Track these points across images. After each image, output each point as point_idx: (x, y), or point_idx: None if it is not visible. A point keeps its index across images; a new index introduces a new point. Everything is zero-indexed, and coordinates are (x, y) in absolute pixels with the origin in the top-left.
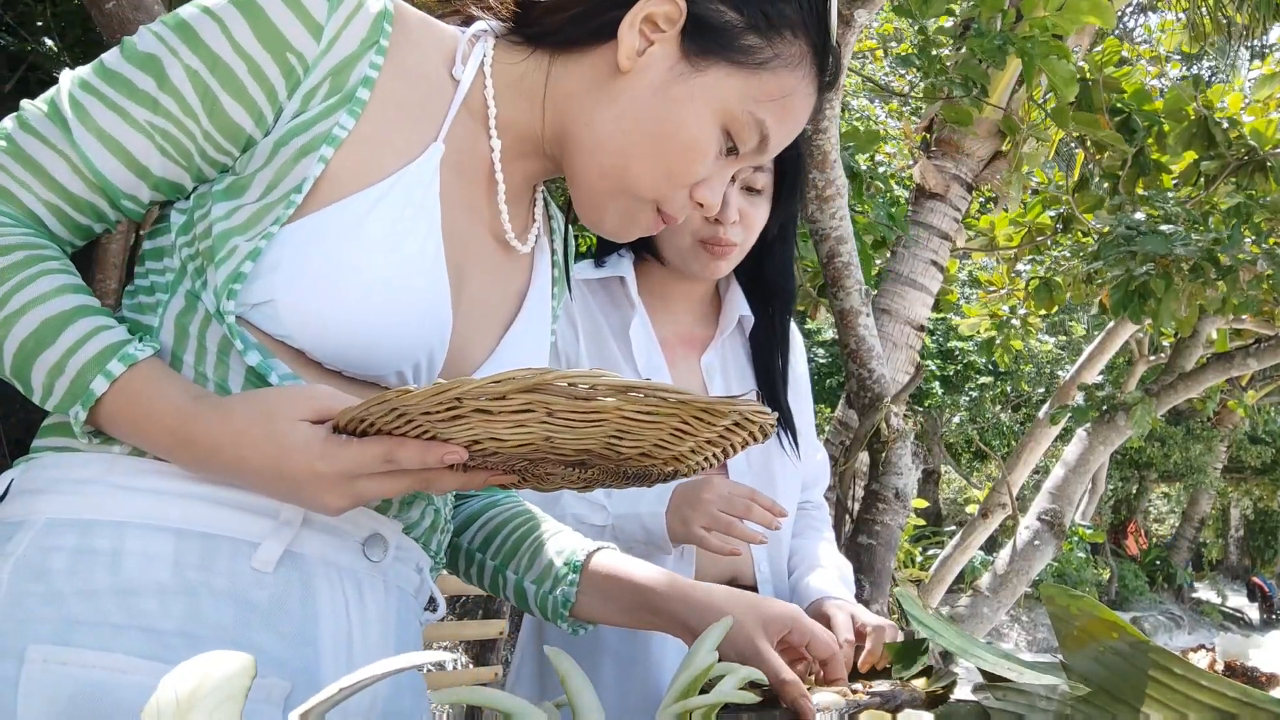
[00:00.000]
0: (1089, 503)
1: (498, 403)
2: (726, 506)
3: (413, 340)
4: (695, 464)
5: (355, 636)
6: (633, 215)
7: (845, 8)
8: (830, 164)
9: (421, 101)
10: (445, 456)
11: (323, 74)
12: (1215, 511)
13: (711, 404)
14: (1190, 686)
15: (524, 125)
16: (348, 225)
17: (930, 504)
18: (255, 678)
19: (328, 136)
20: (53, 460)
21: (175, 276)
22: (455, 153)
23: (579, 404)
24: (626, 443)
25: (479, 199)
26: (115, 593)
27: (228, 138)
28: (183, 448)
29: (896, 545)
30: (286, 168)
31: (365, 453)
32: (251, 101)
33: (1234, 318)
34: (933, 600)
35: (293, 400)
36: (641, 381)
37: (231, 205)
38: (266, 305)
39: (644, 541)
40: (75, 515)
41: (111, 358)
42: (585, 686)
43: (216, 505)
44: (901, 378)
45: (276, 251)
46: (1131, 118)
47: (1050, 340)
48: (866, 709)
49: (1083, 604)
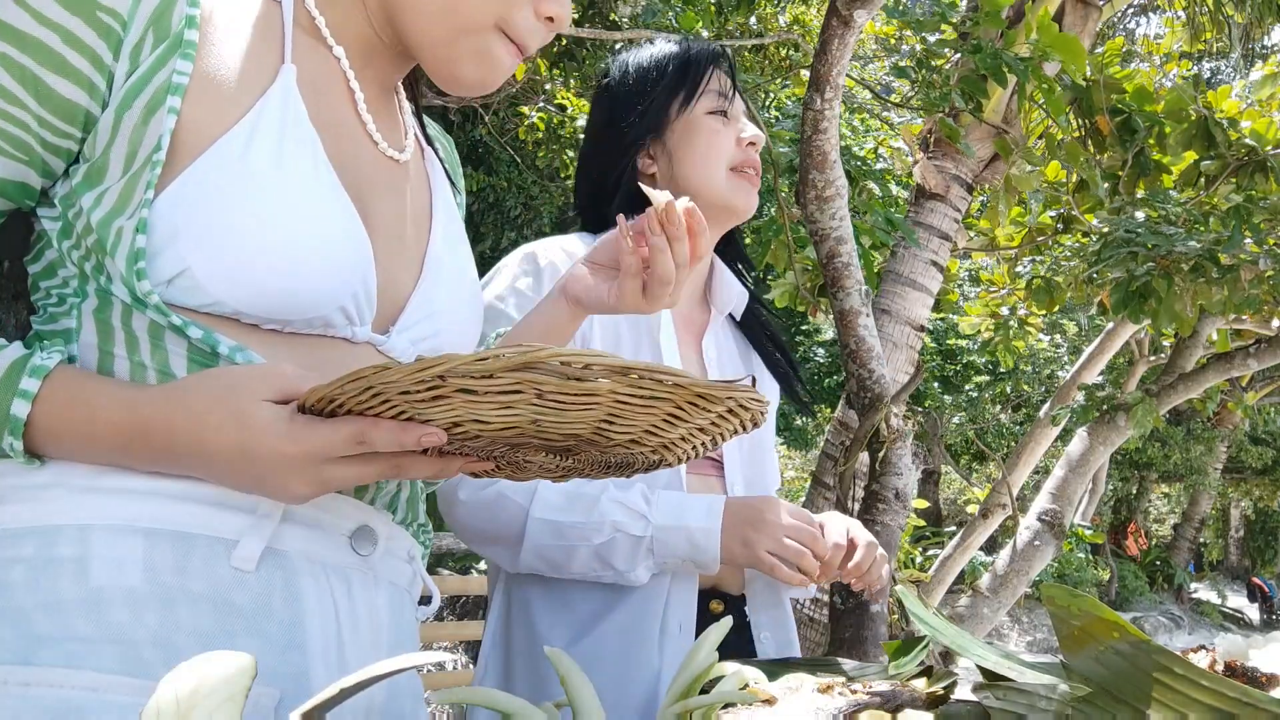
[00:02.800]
0: (1089, 503)
1: (484, 382)
2: (795, 534)
3: (342, 269)
4: (682, 453)
5: (346, 638)
6: (486, 52)
7: (845, 8)
8: (830, 164)
9: (253, 29)
10: (423, 439)
11: (142, 25)
12: (1215, 512)
13: (708, 389)
14: (1190, 686)
15: (355, 26)
16: (228, 169)
17: (930, 504)
18: (255, 678)
19: (169, 86)
20: (3, 468)
21: (78, 281)
22: (306, 73)
23: (571, 385)
24: (617, 428)
25: (343, 115)
26: (82, 603)
27: (63, 118)
28: (136, 442)
29: (897, 546)
30: (139, 132)
31: (336, 434)
32: (76, 72)
33: (1234, 318)
34: (933, 600)
35: (255, 379)
36: (638, 363)
37: (97, 192)
38: (181, 277)
39: (688, 558)
40: (33, 523)
41: (20, 375)
42: (585, 687)
43: (189, 501)
44: (901, 378)
45: (166, 218)
46: (1132, 118)
47: (1046, 340)
48: (866, 709)
49: (1083, 604)
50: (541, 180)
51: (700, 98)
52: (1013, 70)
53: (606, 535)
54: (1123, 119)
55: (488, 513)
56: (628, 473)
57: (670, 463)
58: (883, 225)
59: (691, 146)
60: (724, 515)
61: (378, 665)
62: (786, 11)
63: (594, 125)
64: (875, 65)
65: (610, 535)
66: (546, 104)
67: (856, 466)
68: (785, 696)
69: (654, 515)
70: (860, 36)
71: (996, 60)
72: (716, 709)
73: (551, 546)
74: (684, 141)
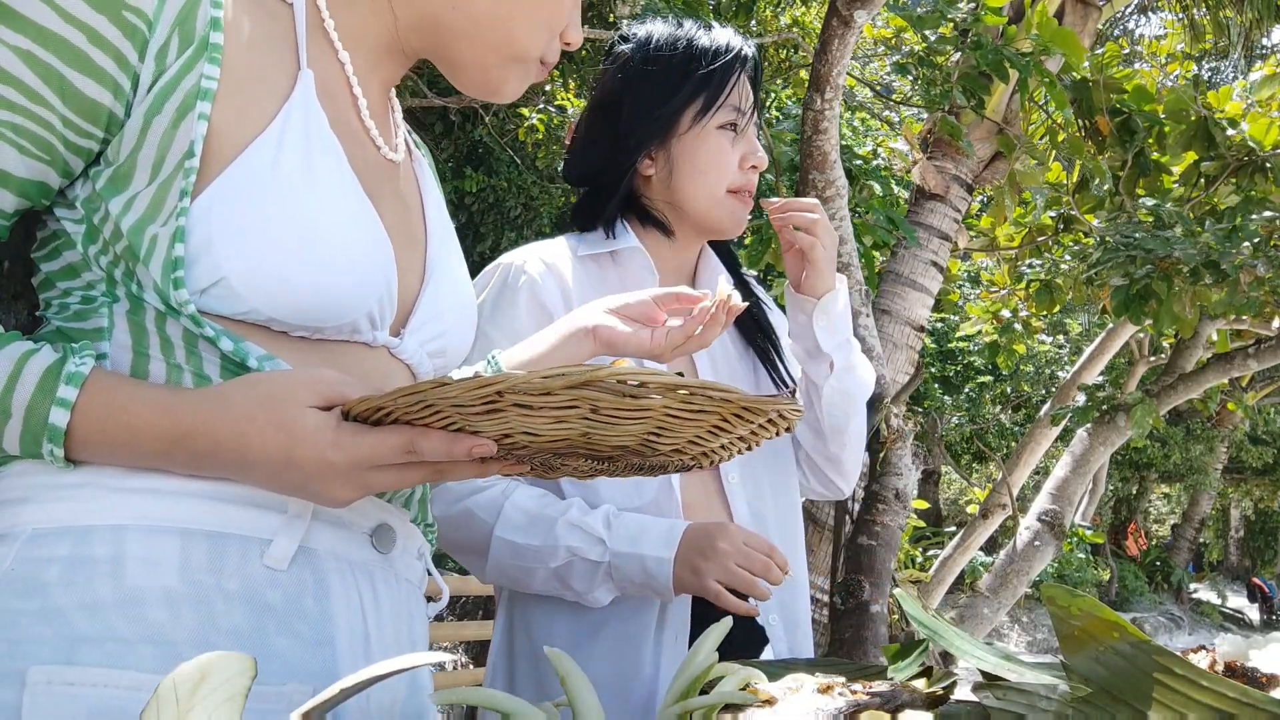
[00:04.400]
0: (1089, 503)
1: (542, 398)
2: (745, 561)
3: (372, 274)
4: (717, 458)
5: (372, 635)
6: (527, 74)
7: (845, 8)
8: (830, 164)
9: (270, 32)
10: (474, 450)
11: (168, 27)
12: (1215, 512)
13: (755, 403)
14: (1190, 686)
15: (374, 31)
16: (261, 177)
17: (930, 505)
18: (255, 678)
19: (199, 91)
20: (32, 467)
21: (106, 284)
22: (321, 78)
23: (626, 401)
24: (663, 440)
25: (350, 119)
26: (120, 603)
27: (87, 118)
28: (178, 447)
29: (897, 546)
30: (168, 137)
31: (384, 443)
32: (101, 71)
33: (1234, 319)
34: (933, 601)
35: (299, 385)
36: (690, 380)
37: (125, 197)
38: (218, 286)
39: (643, 585)
40: (67, 523)
41: (57, 383)
42: (586, 687)
43: (221, 501)
44: (901, 378)
45: (201, 226)
46: (1132, 118)
47: (1049, 340)
48: (866, 709)
49: (1083, 604)
50: (541, 181)
51: (717, 111)
52: (1014, 65)
53: (562, 559)
54: (1122, 119)
55: (455, 528)
56: (658, 474)
57: (704, 466)
58: (883, 225)
59: (695, 160)
60: (680, 543)
61: (378, 665)
62: (785, 13)
63: (601, 106)
64: (875, 64)
65: (566, 560)
66: (546, 105)
67: None
68: (785, 696)
69: (611, 541)
70: (860, 37)
71: (998, 56)
72: (716, 709)
73: (512, 566)
74: (690, 152)
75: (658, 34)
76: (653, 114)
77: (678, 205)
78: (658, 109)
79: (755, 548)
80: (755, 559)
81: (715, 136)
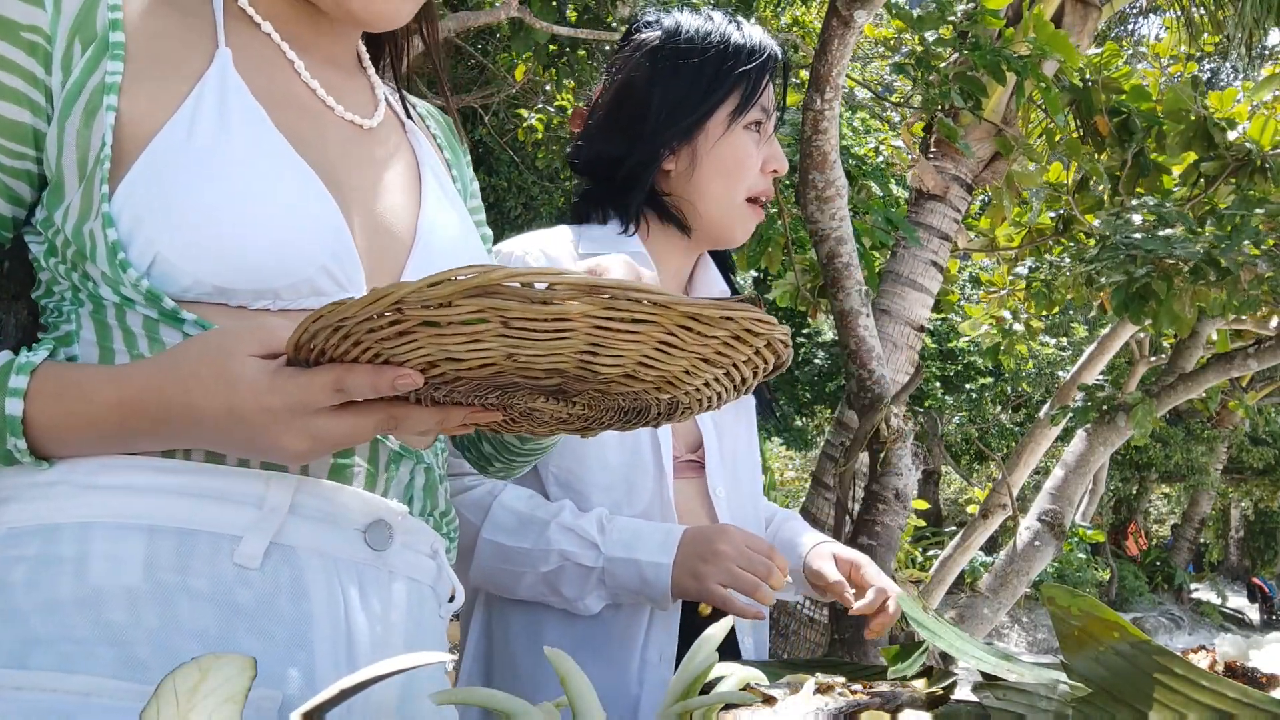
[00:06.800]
0: (1089, 503)
1: (443, 312)
2: (748, 564)
3: (306, 226)
4: (698, 393)
5: (356, 637)
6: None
7: (845, 8)
8: (830, 165)
9: (181, 23)
10: (398, 381)
11: (66, 35)
12: (1215, 512)
13: (698, 309)
14: (1190, 687)
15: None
16: (176, 152)
17: (930, 504)
18: (255, 678)
19: (104, 87)
20: (14, 467)
21: (71, 292)
22: (244, 55)
23: (538, 309)
24: (604, 360)
25: (293, 88)
26: (79, 603)
27: (15, 139)
28: (134, 415)
29: (897, 546)
30: (84, 137)
31: (313, 382)
32: (15, 93)
33: (1234, 318)
34: (933, 601)
35: (241, 336)
36: (610, 280)
37: (65, 205)
38: (156, 265)
39: (639, 591)
40: (37, 521)
41: (9, 375)
42: (586, 687)
43: (193, 497)
44: (901, 378)
45: (127, 210)
46: (1130, 118)
47: (1052, 343)
48: (866, 709)
49: (1083, 604)
50: (541, 181)
51: (746, 112)
52: (1011, 68)
53: (554, 564)
54: (1121, 119)
55: None
56: (646, 420)
57: (690, 407)
58: (883, 225)
59: (720, 161)
60: (679, 547)
61: (378, 665)
62: (785, 13)
63: (625, 94)
64: (875, 65)
65: (558, 564)
66: (545, 105)
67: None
68: (785, 696)
69: (606, 545)
70: (860, 37)
71: (996, 58)
72: (716, 709)
73: (499, 569)
74: (715, 152)
75: (687, 25)
76: (685, 109)
77: (694, 204)
78: (692, 104)
79: (756, 550)
80: (757, 561)
81: (742, 137)
